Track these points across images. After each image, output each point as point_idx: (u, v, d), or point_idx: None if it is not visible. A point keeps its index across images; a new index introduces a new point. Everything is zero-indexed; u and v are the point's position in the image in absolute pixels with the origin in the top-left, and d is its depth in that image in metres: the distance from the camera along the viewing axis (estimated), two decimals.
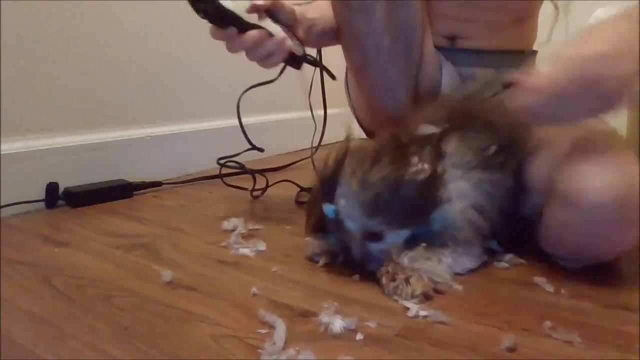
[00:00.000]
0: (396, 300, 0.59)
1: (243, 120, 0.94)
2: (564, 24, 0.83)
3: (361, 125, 1.08)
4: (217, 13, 0.72)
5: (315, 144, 1.25)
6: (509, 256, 0.71)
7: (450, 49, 0.87)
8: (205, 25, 0.75)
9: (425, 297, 0.59)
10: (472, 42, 0.85)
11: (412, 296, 0.58)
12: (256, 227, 0.86)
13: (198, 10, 0.72)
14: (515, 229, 0.71)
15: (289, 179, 1.14)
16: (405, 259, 0.62)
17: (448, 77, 0.87)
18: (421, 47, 0.80)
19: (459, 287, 0.62)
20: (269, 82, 0.91)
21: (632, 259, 0.73)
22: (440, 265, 0.63)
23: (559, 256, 0.68)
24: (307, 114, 1.30)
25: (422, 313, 0.56)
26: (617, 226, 0.60)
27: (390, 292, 0.60)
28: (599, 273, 0.67)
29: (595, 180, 0.58)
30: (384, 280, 0.61)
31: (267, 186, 1.08)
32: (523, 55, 0.89)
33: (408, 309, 0.57)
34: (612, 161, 0.60)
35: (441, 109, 0.75)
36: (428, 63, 0.84)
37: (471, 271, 0.67)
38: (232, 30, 0.74)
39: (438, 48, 0.86)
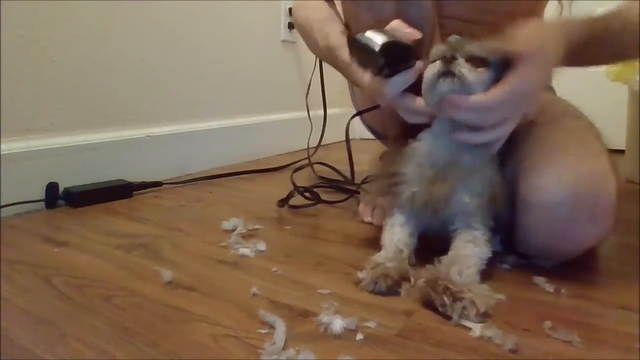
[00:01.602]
0: (463, 324, 0.54)
1: (243, 120, 0.94)
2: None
3: (365, 124, 1.08)
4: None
5: (314, 144, 1.25)
6: (511, 258, 0.71)
7: None
8: (204, 25, 0.75)
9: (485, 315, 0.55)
10: None
11: (477, 316, 0.54)
12: (256, 227, 0.86)
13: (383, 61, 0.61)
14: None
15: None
16: (456, 275, 0.58)
17: None
18: (430, 47, 0.80)
19: (501, 296, 0.60)
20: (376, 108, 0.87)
21: (633, 259, 0.73)
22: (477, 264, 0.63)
23: (533, 255, 0.69)
24: (306, 114, 1.30)
25: (488, 333, 0.51)
26: (576, 223, 0.61)
27: (456, 313, 0.54)
28: (598, 273, 0.67)
29: (550, 179, 0.60)
30: (445, 301, 0.55)
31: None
32: None
33: (470, 329, 0.53)
34: (568, 159, 0.61)
35: None
36: None
37: None
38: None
39: None
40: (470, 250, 0.64)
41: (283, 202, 0.97)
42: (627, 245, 0.79)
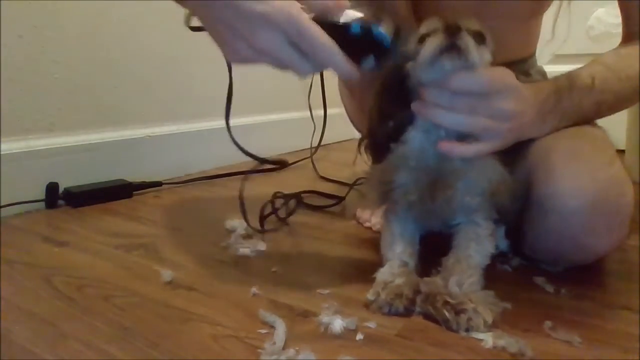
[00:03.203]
0: (473, 337, 0.52)
1: (243, 120, 0.93)
2: (567, 16, 0.82)
3: (357, 129, 1.08)
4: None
5: (315, 144, 1.26)
6: (515, 259, 0.71)
7: None
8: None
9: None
10: None
11: (486, 326, 0.53)
12: (256, 228, 0.86)
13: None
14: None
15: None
16: (454, 287, 0.56)
17: None
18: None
19: (507, 305, 0.58)
20: None
21: (632, 259, 0.73)
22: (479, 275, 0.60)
23: (540, 260, 0.68)
24: (307, 114, 1.30)
25: (500, 343, 0.50)
26: (592, 232, 0.60)
27: (461, 326, 0.52)
28: (598, 273, 0.67)
29: (568, 186, 0.58)
30: (447, 315, 0.53)
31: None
32: (525, 62, 0.87)
33: (482, 340, 0.51)
34: (585, 166, 0.60)
35: None
36: None
37: None
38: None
39: None
40: (472, 250, 0.61)
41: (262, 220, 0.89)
42: (628, 245, 0.79)
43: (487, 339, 0.51)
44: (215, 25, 0.52)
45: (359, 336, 0.51)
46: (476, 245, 0.62)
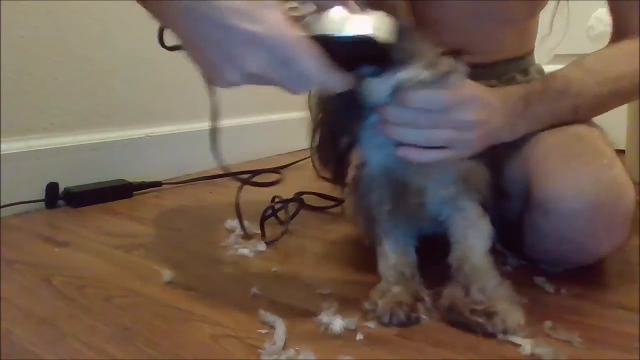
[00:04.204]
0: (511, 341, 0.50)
1: (243, 120, 0.93)
2: (565, 13, 0.82)
3: None
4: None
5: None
6: (514, 259, 0.70)
7: None
8: None
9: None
10: (477, 57, 0.81)
11: (518, 328, 0.51)
12: (256, 231, 0.85)
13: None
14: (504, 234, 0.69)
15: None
16: (479, 295, 0.55)
17: None
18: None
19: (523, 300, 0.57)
20: None
21: (632, 259, 0.73)
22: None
23: (540, 260, 0.68)
24: (307, 114, 1.30)
25: (538, 351, 0.48)
26: (593, 233, 0.59)
27: (497, 328, 0.51)
28: (598, 273, 0.67)
29: (568, 188, 0.58)
30: (480, 321, 0.52)
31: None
32: (523, 59, 0.87)
33: (519, 345, 0.49)
34: (586, 167, 0.59)
35: None
36: None
37: None
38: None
39: None
40: (471, 237, 0.59)
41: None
42: (628, 245, 0.79)
43: (525, 345, 0.49)
44: (201, 48, 0.48)
45: (359, 336, 0.51)
46: (473, 231, 0.60)
